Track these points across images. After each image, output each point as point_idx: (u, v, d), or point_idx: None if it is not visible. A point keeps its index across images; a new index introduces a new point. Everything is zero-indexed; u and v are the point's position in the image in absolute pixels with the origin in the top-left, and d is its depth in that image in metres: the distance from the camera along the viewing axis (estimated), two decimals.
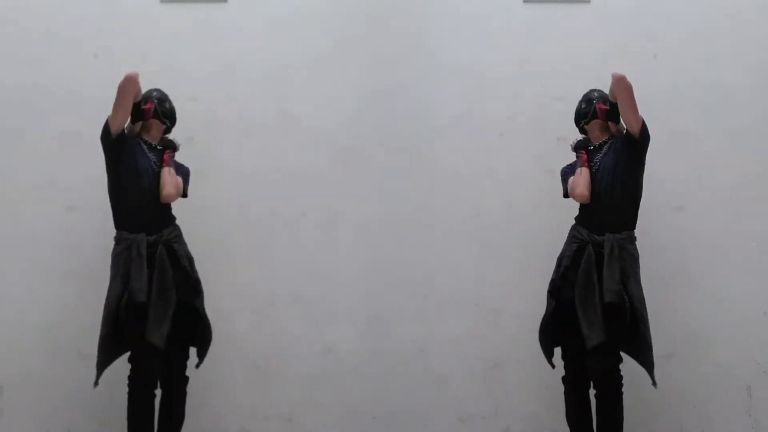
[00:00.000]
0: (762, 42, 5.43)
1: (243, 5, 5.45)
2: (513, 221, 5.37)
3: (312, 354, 5.34)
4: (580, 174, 4.77)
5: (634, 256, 4.68)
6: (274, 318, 5.35)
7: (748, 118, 5.39)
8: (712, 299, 5.31)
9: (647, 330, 4.64)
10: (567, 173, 4.87)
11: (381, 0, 5.50)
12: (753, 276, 5.33)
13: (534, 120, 5.39)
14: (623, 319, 4.59)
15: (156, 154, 4.78)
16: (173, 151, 4.82)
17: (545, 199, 5.23)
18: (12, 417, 5.23)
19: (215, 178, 5.32)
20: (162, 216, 4.76)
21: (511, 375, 5.32)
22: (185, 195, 4.87)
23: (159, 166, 4.75)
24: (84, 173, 5.20)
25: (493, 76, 5.43)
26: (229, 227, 5.35)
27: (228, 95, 5.40)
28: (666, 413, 5.26)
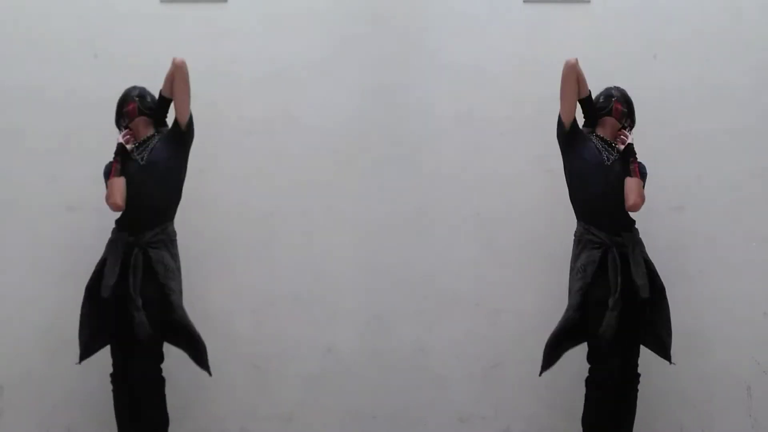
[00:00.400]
0: (762, 42, 5.42)
1: (243, 5, 5.45)
2: (513, 221, 5.37)
3: (312, 354, 5.34)
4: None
5: (644, 251, 4.73)
6: (274, 318, 5.35)
7: (748, 118, 5.39)
8: (712, 299, 5.32)
9: (668, 309, 4.71)
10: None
11: (381, 0, 5.50)
12: (753, 276, 5.33)
13: (534, 120, 5.38)
14: (644, 313, 4.67)
15: (140, 147, 4.72)
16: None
17: (545, 199, 5.24)
18: (12, 417, 5.24)
19: (215, 178, 5.32)
20: (148, 216, 4.67)
21: (511, 375, 5.32)
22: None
23: (152, 162, 4.69)
24: (84, 173, 5.19)
25: (493, 75, 5.43)
26: (229, 227, 5.35)
27: (228, 95, 5.40)
28: (666, 413, 5.27)
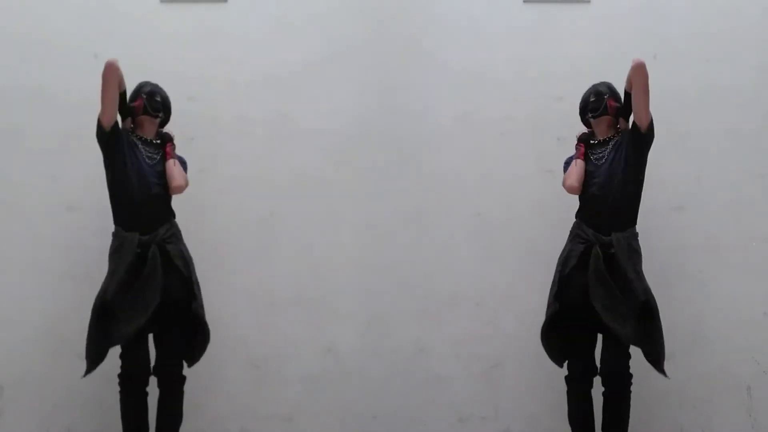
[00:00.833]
0: (762, 42, 5.43)
1: (243, 5, 5.45)
2: (513, 221, 5.37)
3: (312, 354, 5.34)
4: (574, 165, 4.77)
5: (638, 252, 4.69)
6: (274, 318, 5.35)
7: (748, 118, 5.39)
8: (712, 299, 5.32)
9: (659, 321, 4.65)
10: (569, 164, 4.86)
11: (381, 0, 5.50)
12: (753, 276, 5.33)
13: (534, 120, 5.39)
14: (636, 315, 4.60)
15: (151, 148, 4.76)
16: (172, 142, 4.82)
17: (545, 200, 5.24)
18: (12, 417, 5.23)
19: (215, 178, 5.33)
20: (158, 213, 4.73)
21: (511, 375, 5.32)
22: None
23: (153, 160, 4.73)
24: (84, 173, 5.20)
25: (493, 76, 5.43)
26: (229, 228, 5.35)
27: (228, 95, 5.40)
28: (666, 413, 5.27)
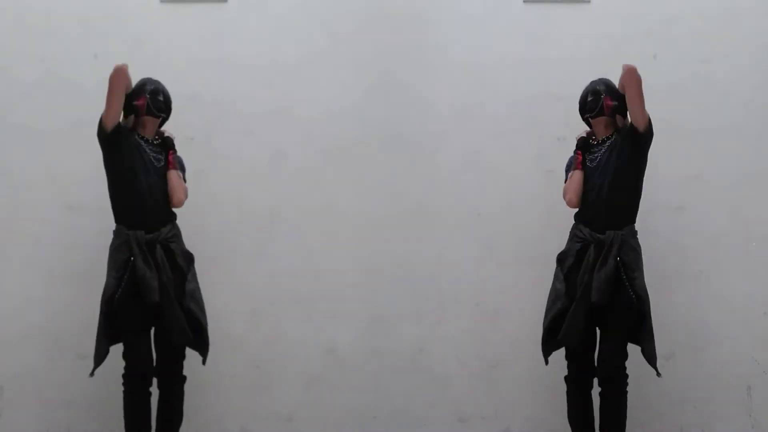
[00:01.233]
0: (762, 42, 5.43)
1: (243, 5, 5.45)
2: (513, 221, 5.37)
3: (312, 354, 5.34)
4: (571, 179, 4.77)
5: (636, 250, 4.67)
6: (274, 318, 5.35)
7: (748, 117, 5.39)
8: (712, 299, 5.32)
9: (651, 322, 4.63)
10: (570, 167, 4.86)
11: (381, 2, 5.48)
12: (753, 276, 5.33)
13: (534, 120, 5.39)
14: (632, 314, 4.59)
15: (154, 148, 4.75)
16: (174, 149, 4.82)
17: (545, 199, 5.23)
18: (12, 417, 5.23)
19: (215, 177, 5.32)
20: (161, 212, 4.73)
21: (511, 375, 5.32)
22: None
23: (158, 161, 4.72)
24: (84, 172, 5.19)
25: (493, 75, 5.43)
26: (229, 227, 5.35)
27: (228, 94, 5.40)
28: (666, 413, 5.27)
